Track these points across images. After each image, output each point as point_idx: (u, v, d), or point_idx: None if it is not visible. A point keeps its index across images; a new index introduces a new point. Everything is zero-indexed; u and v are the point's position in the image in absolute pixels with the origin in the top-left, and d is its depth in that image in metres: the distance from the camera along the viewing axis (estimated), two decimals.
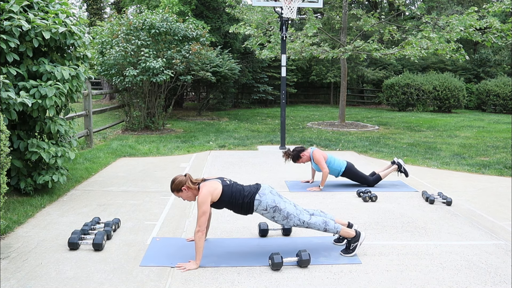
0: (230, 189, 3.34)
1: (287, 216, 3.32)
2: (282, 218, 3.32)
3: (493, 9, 10.71)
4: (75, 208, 4.59)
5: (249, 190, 3.37)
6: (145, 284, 2.93)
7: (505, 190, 5.56)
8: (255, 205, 3.32)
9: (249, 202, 3.32)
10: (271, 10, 11.63)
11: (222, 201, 3.31)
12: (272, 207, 3.31)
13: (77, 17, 5.10)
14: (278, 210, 3.31)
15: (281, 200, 3.37)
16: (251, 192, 3.35)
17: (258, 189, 3.37)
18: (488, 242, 3.76)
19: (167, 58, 10.40)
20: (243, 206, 3.33)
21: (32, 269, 3.12)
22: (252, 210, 3.35)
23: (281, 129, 8.66)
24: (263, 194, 3.33)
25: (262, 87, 18.52)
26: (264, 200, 3.31)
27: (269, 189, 3.40)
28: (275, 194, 3.39)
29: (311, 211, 3.53)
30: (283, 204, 3.34)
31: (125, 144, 8.51)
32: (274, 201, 3.32)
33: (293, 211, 3.34)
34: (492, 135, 10.94)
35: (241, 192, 3.34)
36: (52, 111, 4.65)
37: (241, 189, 3.37)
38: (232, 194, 3.32)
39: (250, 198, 3.32)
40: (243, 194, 3.33)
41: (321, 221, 3.37)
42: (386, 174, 5.64)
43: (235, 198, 3.31)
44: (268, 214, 3.34)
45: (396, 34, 12.17)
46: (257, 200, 3.31)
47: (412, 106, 18.39)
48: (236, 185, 3.40)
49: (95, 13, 24.87)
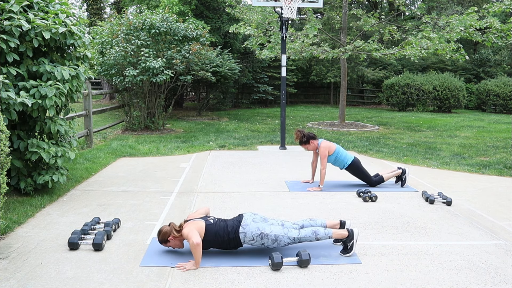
0: (214, 228, 3.32)
1: (275, 238, 3.30)
2: (272, 241, 3.31)
3: (493, 9, 10.72)
4: (75, 208, 4.59)
5: (232, 224, 3.35)
6: (145, 284, 2.93)
7: (505, 190, 5.56)
8: (241, 238, 3.31)
9: (235, 237, 3.31)
10: (271, 10, 11.63)
11: (207, 241, 3.31)
12: (258, 235, 3.29)
13: (77, 17, 5.10)
14: (265, 236, 3.29)
15: (266, 225, 3.34)
16: (234, 226, 3.33)
17: (240, 222, 3.35)
18: (488, 242, 3.76)
19: (167, 58, 10.40)
20: (230, 242, 3.32)
21: (32, 269, 3.12)
22: (240, 243, 3.34)
23: (281, 129, 8.66)
24: (246, 225, 3.31)
25: (262, 87, 18.52)
26: (248, 230, 3.29)
27: (252, 218, 3.37)
28: (258, 220, 3.36)
29: (300, 223, 3.53)
30: (269, 228, 3.31)
31: (125, 144, 8.51)
32: (258, 228, 3.29)
33: (280, 231, 3.32)
34: (492, 135, 10.94)
35: (225, 228, 3.33)
36: (52, 111, 4.65)
37: (224, 226, 3.35)
38: (216, 232, 3.31)
39: (234, 233, 3.31)
40: (227, 230, 3.32)
41: (311, 232, 3.37)
42: (389, 177, 5.64)
43: (220, 236, 3.31)
44: (257, 243, 3.33)
45: (396, 34, 12.17)
46: (241, 233, 3.30)
47: (412, 106, 18.39)
48: (219, 223, 3.38)
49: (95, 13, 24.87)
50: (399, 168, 5.69)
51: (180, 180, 5.85)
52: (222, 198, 5.02)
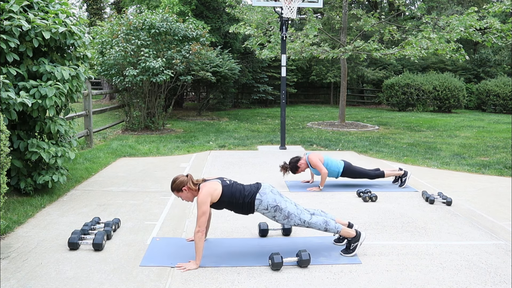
0: (230, 189, 3.32)
1: (288, 215, 3.31)
2: (283, 217, 3.32)
3: (493, 10, 10.72)
4: (75, 208, 4.59)
5: (250, 189, 3.36)
6: (145, 284, 2.93)
7: (505, 190, 5.56)
8: (255, 205, 3.31)
9: (250, 202, 3.31)
10: (271, 10, 11.63)
11: (222, 202, 3.30)
12: (273, 206, 3.30)
13: (77, 17, 5.10)
14: (279, 210, 3.30)
15: (282, 199, 3.36)
16: (252, 191, 3.34)
17: (258, 189, 3.36)
18: (488, 242, 3.76)
19: (167, 58, 10.40)
20: (244, 206, 3.32)
21: (32, 269, 3.12)
22: (253, 209, 3.34)
23: (281, 129, 8.66)
24: (264, 194, 3.32)
25: (262, 87, 18.51)
26: (265, 199, 3.30)
27: (270, 188, 3.39)
28: (276, 193, 3.39)
29: (312, 210, 3.53)
30: (284, 204, 3.33)
31: (125, 144, 8.51)
32: (275, 200, 3.31)
33: (294, 210, 3.34)
34: (492, 135, 10.94)
35: (242, 192, 3.33)
36: (52, 111, 4.65)
37: (241, 189, 3.36)
38: (232, 194, 3.30)
39: (250, 197, 3.31)
40: (244, 194, 3.32)
41: (322, 221, 3.37)
42: (390, 175, 5.64)
43: (235, 198, 3.30)
44: (269, 214, 3.34)
45: (396, 34, 12.17)
46: (257, 199, 3.31)
47: (412, 106, 18.38)
48: (236, 185, 3.39)
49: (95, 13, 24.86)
50: (400, 169, 5.68)
51: None
52: None
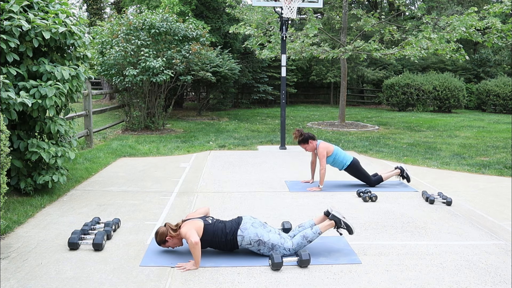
0: (212, 228, 3.34)
1: (272, 247, 3.31)
2: (268, 249, 3.31)
3: (493, 10, 10.72)
4: (75, 208, 4.59)
5: (231, 226, 3.36)
6: (145, 284, 2.93)
7: (505, 190, 5.56)
8: (238, 241, 3.32)
9: (232, 239, 3.32)
10: (271, 10, 11.63)
11: (205, 240, 3.31)
12: (255, 241, 3.30)
13: (77, 17, 5.10)
14: (262, 243, 3.30)
15: (265, 231, 3.34)
16: (233, 228, 3.34)
17: (239, 224, 3.36)
18: (488, 242, 3.76)
19: (167, 58, 10.40)
20: (227, 243, 3.33)
21: (32, 269, 3.12)
22: (237, 246, 3.35)
23: (281, 129, 8.66)
24: (245, 229, 3.32)
25: (262, 87, 18.51)
26: (247, 234, 3.30)
27: (251, 222, 3.38)
28: (258, 226, 3.37)
29: (291, 233, 3.52)
30: (267, 236, 3.31)
31: (125, 144, 8.50)
32: (256, 234, 3.30)
33: (278, 241, 3.32)
34: (492, 135, 10.94)
35: (223, 230, 3.34)
36: (52, 111, 4.65)
37: (222, 227, 3.36)
38: (214, 233, 3.32)
39: (232, 235, 3.32)
40: (225, 232, 3.33)
41: (301, 238, 3.37)
42: (388, 177, 5.65)
43: (218, 236, 3.31)
44: (253, 248, 3.33)
45: (396, 34, 12.17)
46: (239, 236, 3.31)
47: (412, 106, 18.38)
48: (218, 223, 3.40)
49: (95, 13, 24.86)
50: (396, 168, 5.69)
51: (180, 180, 5.85)
52: (222, 198, 5.02)
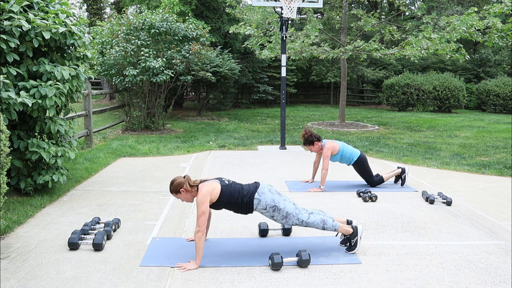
0: (229, 189, 3.33)
1: (286, 215, 3.32)
2: (281, 217, 3.33)
3: (493, 10, 10.72)
4: (75, 208, 4.59)
5: (248, 189, 3.37)
6: (145, 284, 2.93)
7: (505, 190, 5.56)
8: (254, 204, 3.32)
9: (248, 201, 3.31)
10: (271, 10, 11.63)
11: (221, 202, 3.31)
12: (271, 206, 3.31)
13: (77, 17, 5.10)
14: (278, 210, 3.31)
15: (281, 199, 3.36)
16: (250, 191, 3.34)
17: (257, 188, 3.36)
18: (488, 242, 3.76)
19: (167, 58, 10.40)
20: (243, 205, 3.33)
21: (32, 269, 3.12)
22: (252, 209, 3.35)
23: (281, 129, 8.66)
24: (262, 193, 3.33)
25: (262, 87, 18.51)
26: (263, 199, 3.31)
27: (268, 188, 3.40)
28: (274, 192, 3.39)
29: (310, 210, 3.54)
30: (283, 203, 3.33)
31: (125, 144, 8.50)
32: (273, 200, 3.32)
33: (292, 210, 3.34)
34: (492, 135, 10.93)
35: (240, 191, 3.34)
36: (52, 111, 4.65)
37: (240, 189, 3.36)
38: (230, 194, 3.31)
39: (249, 197, 3.32)
40: (242, 194, 3.33)
41: (320, 220, 3.38)
42: (389, 177, 5.65)
43: (234, 197, 3.31)
44: (267, 213, 3.34)
45: (396, 34, 12.17)
46: (256, 199, 3.31)
47: (412, 106, 18.38)
48: (234, 185, 3.39)
49: (95, 13, 24.85)
50: (398, 168, 5.69)
51: None
52: None
